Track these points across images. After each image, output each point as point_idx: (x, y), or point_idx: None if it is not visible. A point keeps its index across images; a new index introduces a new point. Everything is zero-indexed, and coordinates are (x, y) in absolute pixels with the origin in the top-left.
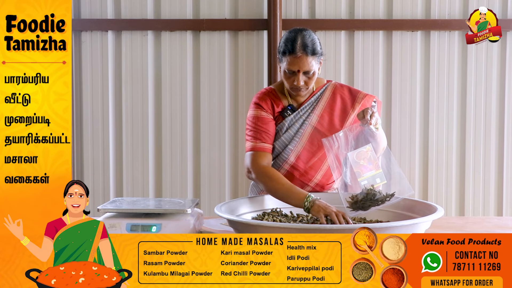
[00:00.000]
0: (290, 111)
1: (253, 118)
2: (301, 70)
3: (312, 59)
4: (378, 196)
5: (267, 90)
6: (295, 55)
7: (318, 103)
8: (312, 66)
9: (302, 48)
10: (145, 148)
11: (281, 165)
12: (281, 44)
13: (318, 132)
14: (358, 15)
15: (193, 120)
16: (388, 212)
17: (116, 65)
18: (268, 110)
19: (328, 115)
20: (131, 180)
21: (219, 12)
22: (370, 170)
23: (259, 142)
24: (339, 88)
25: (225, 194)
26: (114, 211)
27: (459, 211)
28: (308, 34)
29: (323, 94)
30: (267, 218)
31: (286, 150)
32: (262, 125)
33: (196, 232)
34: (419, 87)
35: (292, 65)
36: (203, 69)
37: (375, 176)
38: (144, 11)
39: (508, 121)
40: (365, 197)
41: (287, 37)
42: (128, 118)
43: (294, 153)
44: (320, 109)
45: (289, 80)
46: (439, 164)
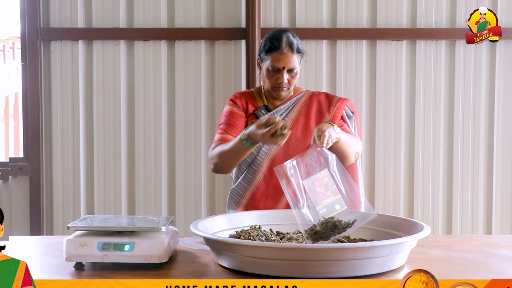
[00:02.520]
0: (264, 111)
1: (225, 113)
2: (286, 67)
3: (297, 57)
4: (338, 224)
5: (244, 91)
6: (281, 51)
7: (294, 108)
8: (296, 64)
9: (288, 45)
10: (117, 162)
11: (256, 170)
12: (264, 42)
13: (293, 135)
14: (340, 23)
15: (168, 133)
16: (372, 231)
17: (87, 77)
18: (241, 107)
19: (303, 118)
20: (103, 196)
21: (195, 21)
22: (328, 197)
23: (225, 134)
24: (316, 94)
25: (201, 211)
26: (85, 229)
27: (446, 229)
28: (292, 34)
29: (299, 99)
30: (245, 235)
31: (261, 153)
32: (232, 119)
33: (171, 251)
34: (404, 99)
35: (277, 61)
36: (178, 81)
37: (334, 202)
38: (116, 20)
39: (498, 133)
40: (325, 227)
41: (272, 35)
42: (99, 131)
43: (268, 157)
44: (295, 113)
45: (272, 78)
46: (426, 180)
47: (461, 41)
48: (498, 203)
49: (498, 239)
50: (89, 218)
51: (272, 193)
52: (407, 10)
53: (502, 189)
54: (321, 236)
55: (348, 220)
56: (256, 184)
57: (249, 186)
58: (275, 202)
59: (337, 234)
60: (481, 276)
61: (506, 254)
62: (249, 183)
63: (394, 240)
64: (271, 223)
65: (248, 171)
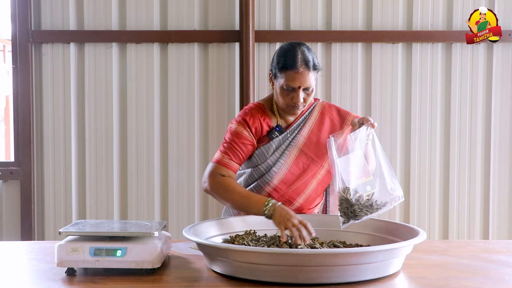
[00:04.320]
0: (278, 133)
1: (233, 133)
2: (302, 86)
3: (313, 74)
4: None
5: (256, 106)
6: (297, 70)
7: (306, 124)
8: (312, 82)
9: (304, 63)
10: (110, 166)
11: (263, 187)
12: (278, 59)
13: (304, 155)
14: (335, 26)
15: (161, 137)
16: (368, 236)
17: (79, 80)
18: (253, 131)
19: (315, 136)
20: (95, 201)
21: (188, 24)
22: (360, 177)
23: (227, 158)
24: (328, 108)
25: (194, 216)
26: (76, 234)
27: (443, 234)
28: (307, 49)
29: (311, 114)
30: (238, 240)
31: (270, 173)
32: (238, 143)
33: (164, 256)
34: (400, 102)
35: (293, 81)
36: (171, 84)
37: (365, 183)
38: (108, 22)
39: (494, 137)
40: (361, 205)
41: (285, 51)
42: (91, 135)
43: (278, 176)
44: (307, 130)
45: (286, 97)
46: (422, 184)
47: (457, 43)
48: (495, 207)
49: (495, 244)
50: (81, 223)
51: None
52: (403, 12)
53: (499, 194)
54: (354, 215)
55: (381, 201)
56: None
57: None
58: None
59: (369, 214)
60: (477, 282)
61: (503, 260)
62: None
63: (390, 245)
64: (264, 228)
65: (254, 188)
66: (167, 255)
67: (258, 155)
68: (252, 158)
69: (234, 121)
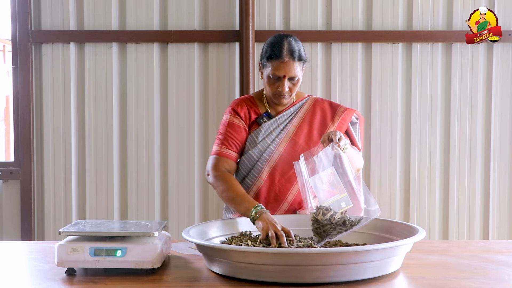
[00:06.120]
0: (266, 118)
1: (225, 123)
2: (287, 75)
3: (298, 65)
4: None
5: (245, 97)
6: (282, 60)
7: (297, 114)
8: (297, 72)
9: (289, 53)
10: (110, 166)
11: (257, 176)
12: (265, 48)
13: (295, 143)
14: (335, 26)
15: (161, 137)
16: (365, 235)
17: (79, 80)
18: (242, 117)
19: (307, 126)
20: (95, 201)
21: (188, 24)
22: (333, 194)
23: (224, 148)
24: (320, 101)
25: (194, 215)
26: (76, 234)
27: (443, 234)
28: (294, 40)
29: (302, 106)
30: (235, 241)
31: (261, 159)
32: (232, 132)
33: (164, 256)
34: (400, 103)
35: (278, 70)
36: (171, 84)
37: (340, 200)
38: (108, 22)
39: (495, 137)
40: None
41: (273, 41)
42: (91, 135)
43: (270, 163)
44: (298, 120)
45: (273, 86)
46: (422, 184)
47: (457, 43)
48: (495, 207)
49: (495, 244)
50: (81, 223)
51: (272, 199)
52: (403, 12)
53: (499, 194)
54: (327, 234)
55: (355, 218)
56: (256, 191)
57: (249, 192)
58: (274, 209)
59: (343, 232)
60: (477, 282)
61: (503, 260)
62: (249, 189)
63: (388, 243)
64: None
65: (248, 177)
66: (167, 255)
67: (248, 141)
68: (245, 146)
69: (225, 114)
